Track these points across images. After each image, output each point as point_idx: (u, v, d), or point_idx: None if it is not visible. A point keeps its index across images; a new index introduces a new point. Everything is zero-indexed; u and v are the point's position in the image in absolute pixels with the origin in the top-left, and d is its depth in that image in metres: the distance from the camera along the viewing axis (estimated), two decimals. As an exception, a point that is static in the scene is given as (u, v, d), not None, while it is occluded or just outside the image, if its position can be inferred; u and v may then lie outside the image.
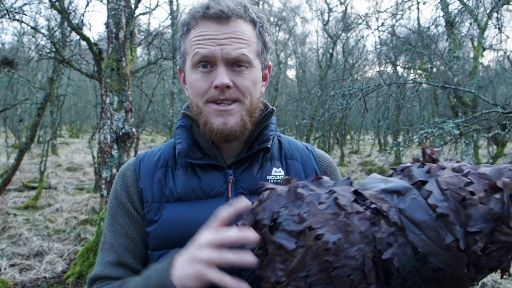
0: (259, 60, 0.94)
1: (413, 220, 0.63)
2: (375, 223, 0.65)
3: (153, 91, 10.29)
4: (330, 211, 0.66)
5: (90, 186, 8.74)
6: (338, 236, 0.63)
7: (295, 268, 0.65)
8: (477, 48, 6.34)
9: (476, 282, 0.66)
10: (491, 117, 2.93)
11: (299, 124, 10.35)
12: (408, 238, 0.63)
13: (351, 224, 0.64)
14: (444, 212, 0.61)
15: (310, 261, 0.64)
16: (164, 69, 10.06)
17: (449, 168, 0.67)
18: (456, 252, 0.61)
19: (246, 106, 0.91)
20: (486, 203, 0.61)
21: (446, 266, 0.62)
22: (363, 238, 0.64)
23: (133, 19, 3.92)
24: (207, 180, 0.93)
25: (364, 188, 0.71)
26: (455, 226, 0.61)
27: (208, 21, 0.88)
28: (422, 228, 0.62)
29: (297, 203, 0.68)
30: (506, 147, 11.29)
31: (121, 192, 0.97)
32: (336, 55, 12.16)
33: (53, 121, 10.55)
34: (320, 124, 7.12)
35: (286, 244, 0.65)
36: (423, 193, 0.65)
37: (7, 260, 4.48)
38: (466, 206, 0.61)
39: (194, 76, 0.90)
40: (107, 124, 3.73)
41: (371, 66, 11.35)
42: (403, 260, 0.63)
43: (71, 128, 26.26)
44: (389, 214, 0.64)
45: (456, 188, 0.63)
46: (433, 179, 0.65)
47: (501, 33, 3.80)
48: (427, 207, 0.63)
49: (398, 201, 0.66)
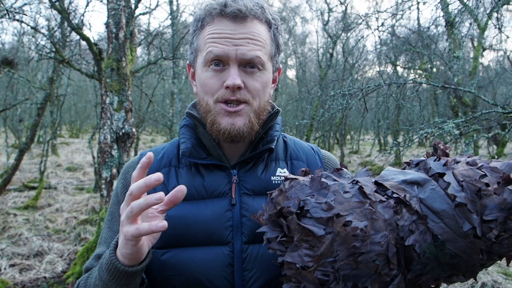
0: (271, 62, 0.93)
1: (433, 209, 0.67)
2: (398, 212, 0.69)
3: (153, 91, 10.29)
4: (356, 200, 0.69)
5: (90, 186, 8.74)
6: (365, 223, 0.67)
7: (324, 254, 0.67)
8: (477, 48, 6.34)
9: (486, 267, 0.71)
10: (491, 117, 2.94)
11: (299, 124, 10.35)
12: (428, 226, 0.67)
13: (376, 212, 0.68)
14: (462, 201, 0.66)
15: (338, 246, 0.66)
16: (164, 69, 10.06)
17: (463, 162, 0.72)
18: (472, 240, 0.65)
19: (254, 108, 0.90)
20: (500, 193, 0.66)
21: (463, 253, 0.66)
22: (387, 226, 0.67)
23: (133, 19, 3.92)
24: (210, 180, 0.93)
25: (383, 179, 0.75)
26: (472, 214, 0.65)
27: (225, 19, 0.87)
28: (441, 217, 0.67)
29: (322, 192, 0.72)
30: (506, 147, 11.30)
31: (121, 190, 0.98)
32: (336, 55, 12.16)
33: (53, 121, 10.55)
34: (320, 124, 7.12)
35: (315, 230, 0.68)
36: (441, 184, 0.69)
37: (7, 260, 4.48)
38: (482, 196, 0.66)
39: (205, 73, 0.90)
40: (107, 124, 3.73)
41: (371, 66, 11.36)
42: (424, 247, 0.67)
43: (71, 128, 26.26)
44: (411, 203, 0.68)
45: (472, 180, 0.67)
46: (450, 171, 0.70)
47: (501, 33, 3.80)
48: (446, 197, 0.67)
49: (418, 191, 0.70)
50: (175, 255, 0.88)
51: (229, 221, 0.89)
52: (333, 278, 0.67)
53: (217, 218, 0.89)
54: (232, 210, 0.90)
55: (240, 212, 0.90)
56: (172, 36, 8.17)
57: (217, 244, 0.88)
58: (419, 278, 0.69)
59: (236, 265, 0.87)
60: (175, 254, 0.88)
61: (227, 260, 0.87)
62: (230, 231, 0.89)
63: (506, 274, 4.05)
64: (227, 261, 0.87)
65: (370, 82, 3.72)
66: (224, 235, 0.88)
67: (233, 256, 0.88)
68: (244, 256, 0.88)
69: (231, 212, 0.90)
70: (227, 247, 0.88)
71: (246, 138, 0.91)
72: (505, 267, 4.39)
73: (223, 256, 0.87)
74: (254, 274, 0.87)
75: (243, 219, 0.90)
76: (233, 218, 0.90)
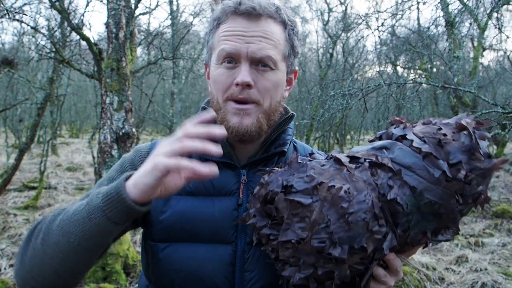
0: (285, 63, 0.92)
1: (404, 164, 0.73)
2: (373, 173, 0.74)
3: (153, 91, 10.29)
4: (334, 168, 0.75)
5: (90, 186, 8.74)
6: (347, 185, 0.71)
7: (316, 221, 0.70)
8: (477, 48, 6.34)
9: (464, 215, 0.76)
10: (491, 117, 2.93)
11: (299, 124, 10.35)
12: (404, 179, 0.72)
13: (354, 175, 0.73)
14: (428, 150, 0.72)
15: (327, 211, 0.70)
16: (164, 69, 10.06)
17: (420, 123, 0.79)
18: (445, 184, 0.70)
19: (264, 108, 0.90)
20: (458, 139, 0.73)
21: (440, 199, 0.71)
22: (367, 185, 0.72)
23: (133, 19, 3.92)
24: (219, 178, 0.90)
25: (354, 152, 0.80)
26: (439, 161, 0.71)
27: (238, 17, 0.87)
28: (413, 169, 0.72)
29: (301, 170, 0.76)
30: (506, 147, 11.29)
31: (127, 163, 0.96)
32: (336, 55, 12.15)
33: (53, 121, 10.54)
34: (320, 124, 7.12)
35: (302, 200, 0.71)
36: (405, 143, 0.75)
37: (7, 260, 4.48)
38: (443, 145, 0.72)
39: (218, 71, 0.90)
40: (107, 124, 3.73)
41: (371, 66, 11.35)
42: (404, 199, 0.71)
43: (71, 128, 26.24)
44: (384, 162, 0.74)
45: (431, 134, 0.74)
46: (410, 131, 0.76)
47: (501, 33, 3.80)
48: (413, 152, 0.73)
49: (387, 153, 0.75)
50: (177, 250, 0.88)
51: (235, 220, 0.89)
52: (329, 243, 0.69)
53: (223, 216, 0.89)
54: (238, 210, 0.90)
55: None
56: (172, 36, 8.17)
57: (221, 243, 0.88)
58: (408, 234, 0.73)
59: (238, 265, 0.87)
60: (177, 249, 0.88)
61: (229, 259, 0.87)
62: (235, 230, 0.89)
63: (506, 274, 4.05)
64: (229, 260, 0.87)
65: (370, 82, 3.71)
66: (229, 234, 0.88)
67: (235, 255, 0.88)
68: (246, 256, 0.88)
69: (237, 212, 0.90)
70: (230, 247, 0.88)
71: (254, 138, 0.91)
72: (505, 267, 4.39)
73: (226, 255, 0.87)
74: (254, 275, 0.87)
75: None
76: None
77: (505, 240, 5.24)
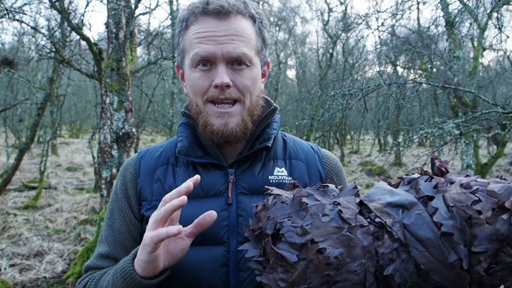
0: (258, 57, 0.93)
1: (417, 236, 0.63)
2: (379, 238, 0.65)
3: (153, 91, 10.29)
4: (334, 225, 0.66)
5: (90, 186, 8.74)
6: (340, 250, 0.63)
7: (296, 281, 0.65)
8: (477, 48, 6.34)
9: None
10: (491, 117, 2.93)
11: (299, 124, 10.35)
12: (411, 254, 0.62)
13: (354, 238, 0.64)
14: (449, 231, 0.60)
15: (312, 274, 0.64)
16: (164, 69, 10.05)
17: (457, 183, 0.65)
18: (459, 271, 0.60)
19: (246, 105, 0.90)
20: (493, 223, 0.59)
21: (448, 284, 0.61)
22: (365, 253, 0.64)
23: (133, 19, 3.92)
24: (207, 179, 0.92)
25: (369, 199, 0.70)
26: (459, 245, 0.60)
27: (208, 16, 0.87)
28: (425, 245, 0.62)
29: (300, 214, 0.68)
30: (506, 147, 11.29)
31: (120, 187, 0.98)
32: (336, 55, 12.15)
33: (53, 121, 10.54)
34: (320, 124, 7.12)
35: (288, 256, 0.65)
36: (429, 209, 0.64)
37: (7, 260, 4.47)
38: (472, 225, 0.60)
39: (193, 74, 0.89)
40: (107, 124, 3.73)
41: (371, 66, 11.35)
42: (405, 276, 0.62)
43: (71, 128, 26.24)
44: (393, 229, 0.64)
45: (463, 206, 0.61)
46: (440, 195, 0.64)
47: (501, 33, 3.80)
48: (432, 224, 0.62)
49: (403, 216, 0.65)
50: None
51: (225, 220, 0.89)
52: None
53: None
54: (228, 210, 0.90)
55: (237, 212, 0.90)
56: (172, 36, 8.17)
57: (213, 244, 0.88)
58: None
59: (232, 265, 0.87)
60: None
61: (222, 260, 0.87)
62: (226, 230, 0.88)
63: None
64: (222, 261, 0.87)
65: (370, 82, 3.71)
66: (220, 235, 0.88)
67: (228, 256, 0.87)
68: (239, 256, 0.87)
69: (227, 212, 0.89)
70: (223, 247, 0.88)
71: (240, 137, 0.90)
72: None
73: (218, 256, 0.87)
74: (249, 275, 0.86)
75: (239, 219, 0.89)
76: (229, 218, 0.89)
77: (505, 240, 5.23)
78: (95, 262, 0.95)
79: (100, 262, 0.94)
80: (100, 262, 0.94)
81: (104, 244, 0.96)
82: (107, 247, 0.95)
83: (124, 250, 0.94)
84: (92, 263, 0.96)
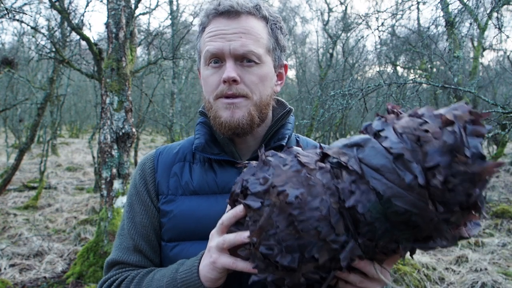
0: (270, 56, 0.94)
1: (372, 166, 0.63)
2: (337, 176, 0.67)
3: (153, 91, 10.29)
4: (293, 169, 0.68)
5: (90, 186, 8.74)
6: (300, 190, 0.65)
7: (263, 226, 0.66)
8: (477, 48, 6.34)
9: (454, 226, 0.65)
10: (491, 117, 2.93)
11: (299, 124, 10.35)
12: (370, 184, 0.63)
13: (312, 178, 0.67)
14: (399, 152, 0.61)
15: (276, 217, 0.65)
16: (164, 69, 10.06)
17: (405, 115, 0.67)
18: (418, 190, 0.60)
19: (254, 101, 0.91)
20: (439, 137, 0.60)
21: (412, 207, 0.61)
22: (325, 190, 0.65)
23: (133, 19, 3.92)
24: (222, 176, 0.95)
25: (329, 148, 0.73)
26: (412, 163, 0.60)
27: (219, 17, 0.90)
28: (381, 172, 0.62)
29: (264, 169, 0.71)
30: (506, 147, 11.29)
31: (139, 181, 1.00)
32: (336, 55, 12.15)
33: (53, 121, 10.54)
34: (320, 124, 7.12)
35: (252, 204, 0.67)
36: (380, 140, 0.65)
37: (7, 260, 4.48)
38: (422, 144, 0.61)
39: (206, 72, 0.92)
40: (107, 124, 3.73)
41: (371, 66, 11.35)
42: (368, 206, 0.63)
43: (71, 128, 26.24)
44: (349, 164, 0.66)
45: (411, 130, 0.62)
46: (390, 126, 0.66)
47: (501, 33, 3.80)
48: (384, 152, 0.63)
49: (358, 152, 0.66)
50: (184, 249, 0.91)
51: None
52: (277, 251, 0.65)
53: None
54: None
55: None
56: (172, 36, 8.17)
57: None
58: (376, 243, 0.65)
59: None
60: (184, 248, 0.91)
61: None
62: None
63: (506, 274, 4.05)
64: None
65: (370, 82, 3.71)
66: None
67: None
68: None
69: None
70: None
71: (247, 131, 0.92)
72: (505, 267, 4.39)
73: None
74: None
75: None
76: None
77: (505, 240, 5.24)
78: (121, 256, 0.96)
79: (128, 257, 0.95)
80: (128, 256, 0.96)
81: (127, 238, 0.97)
82: (131, 241, 0.96)
83: (147, 244, 0.96)
84: (118, 257, 0.96)
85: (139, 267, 0.95)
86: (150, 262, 0.96)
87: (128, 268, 0.96)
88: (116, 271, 0.95)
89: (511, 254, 4.77)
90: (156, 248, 0.97)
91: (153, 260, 0.97)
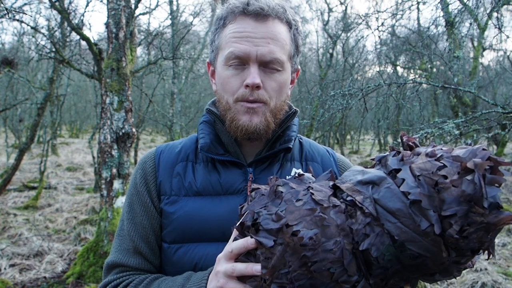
0: (290, 63, 0.94)
1: (388, 209, 0.63)
2: (352, 215, 0.66)
3: (153, 91, 10.28)
4: (307, 207, 0.67)
5: (90, 186, 8.74)
6: (314, 231, 0.64)
7: (276, 265, 0.66)
8: (477, 48, 6.34)
9: (463, 265, 0.66)
10: (491, 117, 2.94)
11: (299, 124, 10.34)
12: (384, 227, 0.63)
13: (327, 218, 0.65)
14: (416, 198, 0.61)
15: (289, 257, 0.65)
16: (164, 69, 10.06)
17: (422, 154, 0.66)
18: (433, 237, 0.60)
19: (271, 107, 0.91)
20: (459, 185, 0.60)
21: (425, 252, 0.61)
22: (340, 231, 0.65)
23: (133, 19, 3.92)
24: (226, 177, 0.94)
25: (342, 181, 0.72)
26: (429, 211, 0.60)
27: (247, 17, 0.88)
28: (397, 216, 0.62)
29: (276, 202, 0.70)
30: (506, 147, 11.29)
31: (140, 180, 0.98)
32: (336, 55, 12.15)
33: (53, 121, 10.54)
34: (320, 124, 7.12)
35: (265, 241, 0.67)
36: (397, 181, 0.64)
37: (7, 260, 4.47)
38: (440, 190, 0.61)
39: (226, 72, 0.90)
40: (107, 124, 3.73)
41: (371, 66, 11.34)
42: (382, 250, 0.63)
43: (71, 128, 26.24)
44: (364, 205, 0.65)
45: (429, 173, 0.62)
46: (407, 166, 0.65)
47: (501, 33, 3.80)
48: (401, 195, 0.63)
49: (373, 192, 0.66)
50: (188, 251, 0.90)
51: None
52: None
53: (231, 215, 0.89)
54: None
55: None
56: (172, 36, 8.17)
57: None
58: (386, 282, 0.66)
59: None
60: (188, 250, 0.90)
61: None
62: None
63: (506, 274, 4.05)
64: None
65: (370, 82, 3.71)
66: None
67: None
68: None
69: None
70: None
71: (262, 136, 0.92)
72: (505, 267, 4.39)
73: None
74: None
75: None
76: None
77: (505, 240, 5.24)
78: (121, 258, 0.94)
79: (128, 259, 0.94)
80: (128, 258, 0.94)
81: (127, 239, 0.95)
82: (131, 242, 0.94)
83: (147, 246, 0.94)
84: (118, 259, 0.94)
85: (139, 269, 0.94)
86: (150, 265, 0.94)
87: (128, 271, 0.94)
88: (116, 274, 0.93)
89: (511, 254, 4.77)
90: (155, 250, 0.95)
91: (153, 262, 0.95)
